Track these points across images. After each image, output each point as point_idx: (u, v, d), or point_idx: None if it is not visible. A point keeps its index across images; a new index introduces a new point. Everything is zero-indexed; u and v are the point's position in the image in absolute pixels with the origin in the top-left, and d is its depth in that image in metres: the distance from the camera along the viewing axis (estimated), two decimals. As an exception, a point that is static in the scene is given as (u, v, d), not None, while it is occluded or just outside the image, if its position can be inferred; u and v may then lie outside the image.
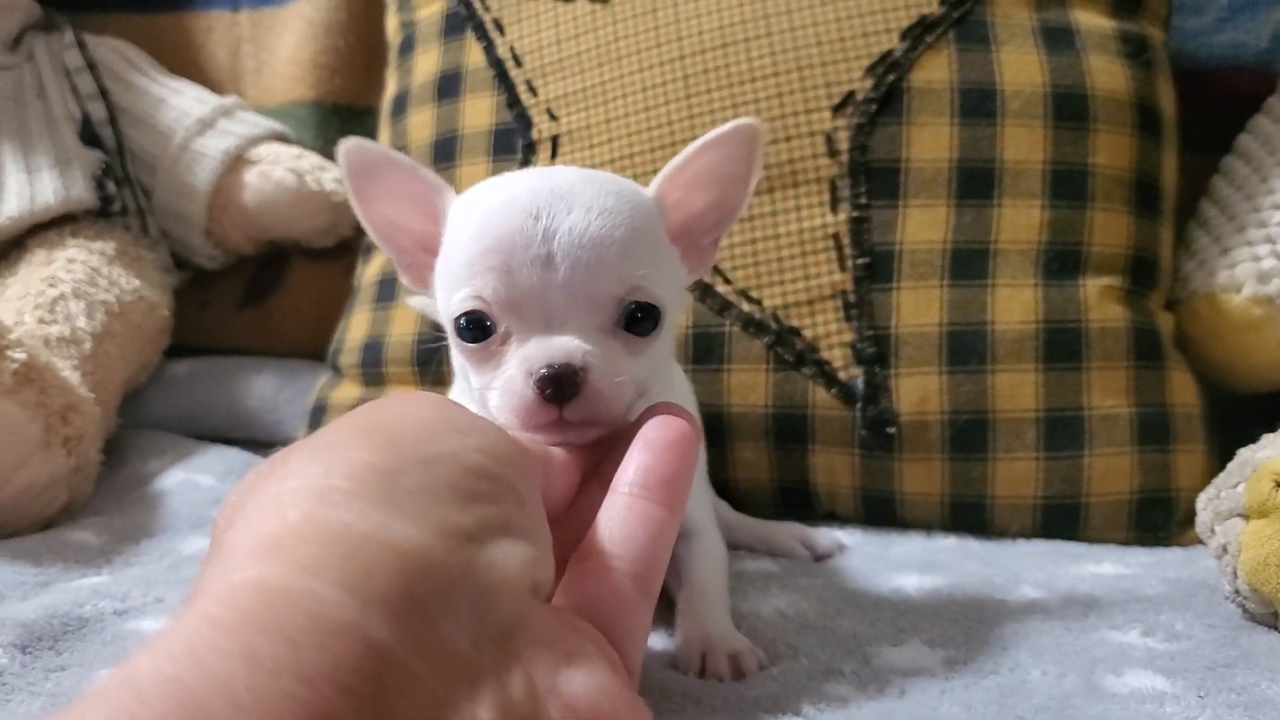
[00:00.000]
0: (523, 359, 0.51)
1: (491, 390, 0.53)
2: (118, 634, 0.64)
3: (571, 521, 0.46)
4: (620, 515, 0.44)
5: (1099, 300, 0.85)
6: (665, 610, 0.66)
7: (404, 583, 0.31)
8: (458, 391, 0.62)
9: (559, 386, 0.50)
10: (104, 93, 1.24)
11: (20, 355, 0.84)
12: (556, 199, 0.53)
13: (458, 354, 0.56)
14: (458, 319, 0.54)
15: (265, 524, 0.32)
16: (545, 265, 0.51)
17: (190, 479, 1.00)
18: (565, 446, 0.50)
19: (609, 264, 0.52)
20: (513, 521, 0.37)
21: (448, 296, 0.56)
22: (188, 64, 1.34)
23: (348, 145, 0.61)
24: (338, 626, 0.28)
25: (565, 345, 0.51)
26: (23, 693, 0.56)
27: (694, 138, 0.88)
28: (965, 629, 0.64)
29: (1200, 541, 0.69)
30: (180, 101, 1.25)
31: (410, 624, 0.30)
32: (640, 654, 0.44)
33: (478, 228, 0.54)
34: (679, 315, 0.62)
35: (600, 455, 0.50)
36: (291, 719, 0.25)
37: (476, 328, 0.54)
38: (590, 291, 0.52)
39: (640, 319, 0.53)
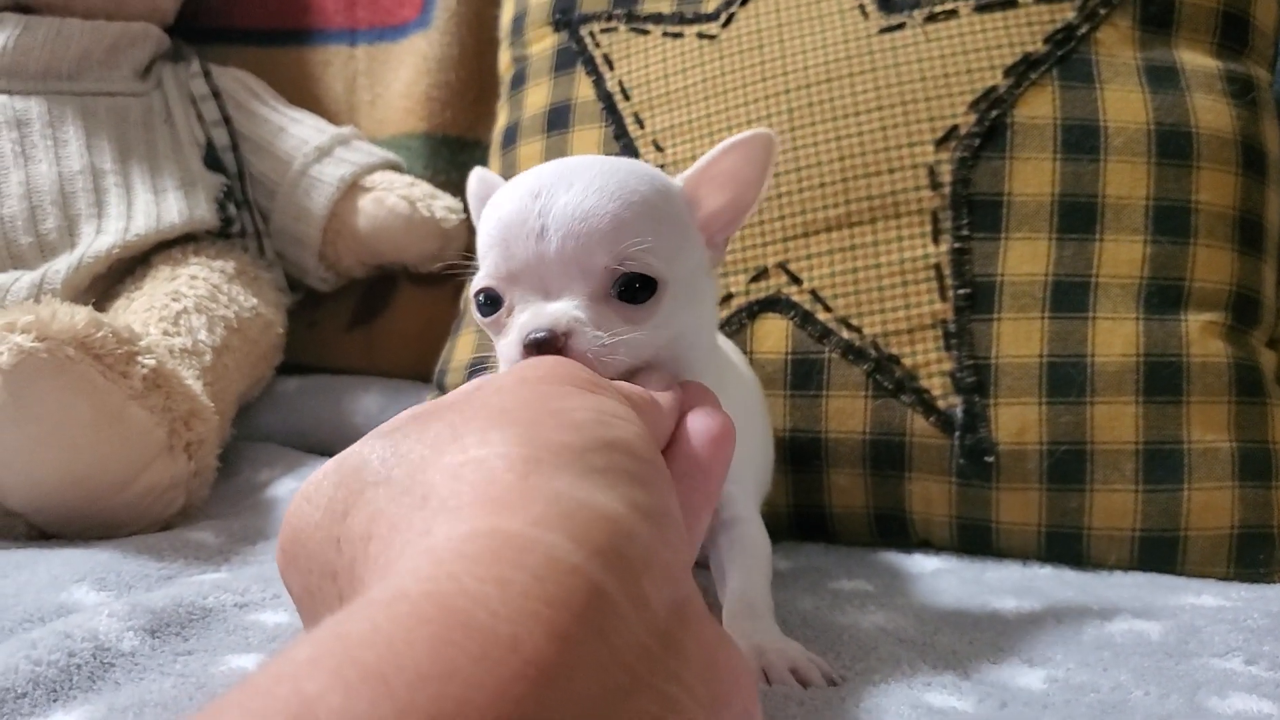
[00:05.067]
0: (519, 327, 0.56)
1: (500, 356, 0.58)
2: (239, 624, 0.67)
3: None
4: None
5: (1200, 335, 0.85)
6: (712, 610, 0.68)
7: (614, 541, 0.33)
8: None
9: (540, 350, 0.54)
10: (227, 120, 1.30)
11: (149, 361, 0.89)
12: (559, 179, 0.57)
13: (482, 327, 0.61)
14: (475, 296, 0.60)
15: (482, 484, 0.35)
16: (539, 238, 0.56)
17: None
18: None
19: (599, 235, 0.56)
20: (669, 503, 0.40)
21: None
22: (306, 95, 1.40)
23: (474, 172, 0.69)
24: (569, 568, 0.31)
25: (553, 312, 0.55)
26: (154, 673, 0.59)
27: (797, 170, 0.92)
28: (1064, 650, 0.65)
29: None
30: (299, 130, 1.31)
31: (625, 579, 0.33)
32: None
33: (492, 213, 0.59)
34: (707, 297, 0.65)
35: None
36: (541, 633, 0.28)
37: (491, 303, 0.59)
38: (581, 260, 0.56)
39: (637, 288, 0.57)
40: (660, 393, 0.51)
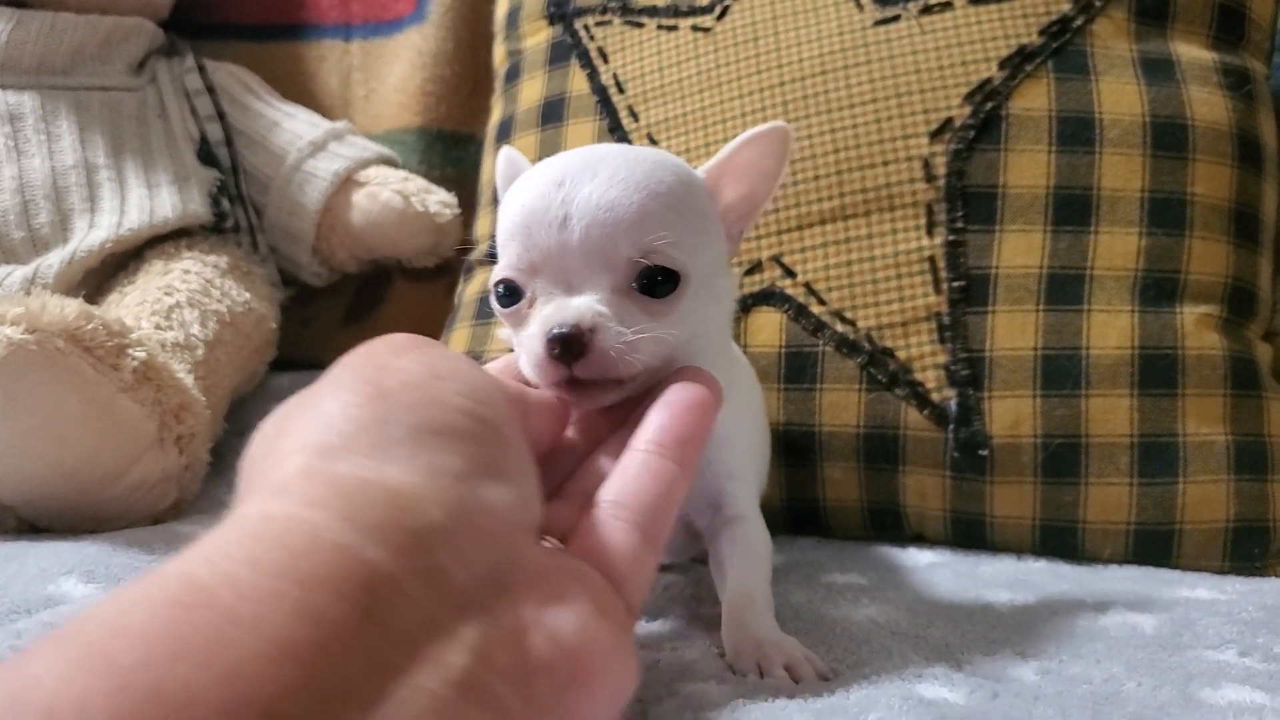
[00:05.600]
0: (541, 320, 0.54)
1: (520, 349, 0.56)
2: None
3: (590, 477, 0.50)
4: (634, 470, 0.48)
5: (1196, 328, 0.84)
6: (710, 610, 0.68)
7: (398, 515, 0.33)
8: None
9: (566, 346, 0.53)
10: (221, 115, 1.30)
11: (140, 354, 0.88)
12: (583, 168, 0.56)
13: (500, 318, 0.60)
14: (495, 287, 0.58)
15: (271, 475, 0.35)
16: (562, 227, 0.55)
17: (292, 484, 1.03)
18: (581, 407, 0.55)
19: (624, 226, 0.55)
20: (498, 459, 0.39)
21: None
22: (301, 90, 1.40)
23: (503, 152, 0.67)
24: (334, 545, 0.31)
25: (577, 306, 0.54)
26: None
27: (791, 162, 0.91)
28: (1058, 643, 0.64)
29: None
30: (293, 125, 1.31)
31: (406, 552, 0.32)
32: (641, 598, 0.47)
33: (514, 201, 0.58)
34: (725, 293, 0.64)
35: (624, 416, 0.54)
36: (288, 613, 0.28)
37: (510, 294, 0.58)
38: (605, 252, 0.55)
39: (660, 281, 0.56)
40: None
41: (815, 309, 0.90)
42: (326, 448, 0.35)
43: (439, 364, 0.41)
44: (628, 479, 0.48)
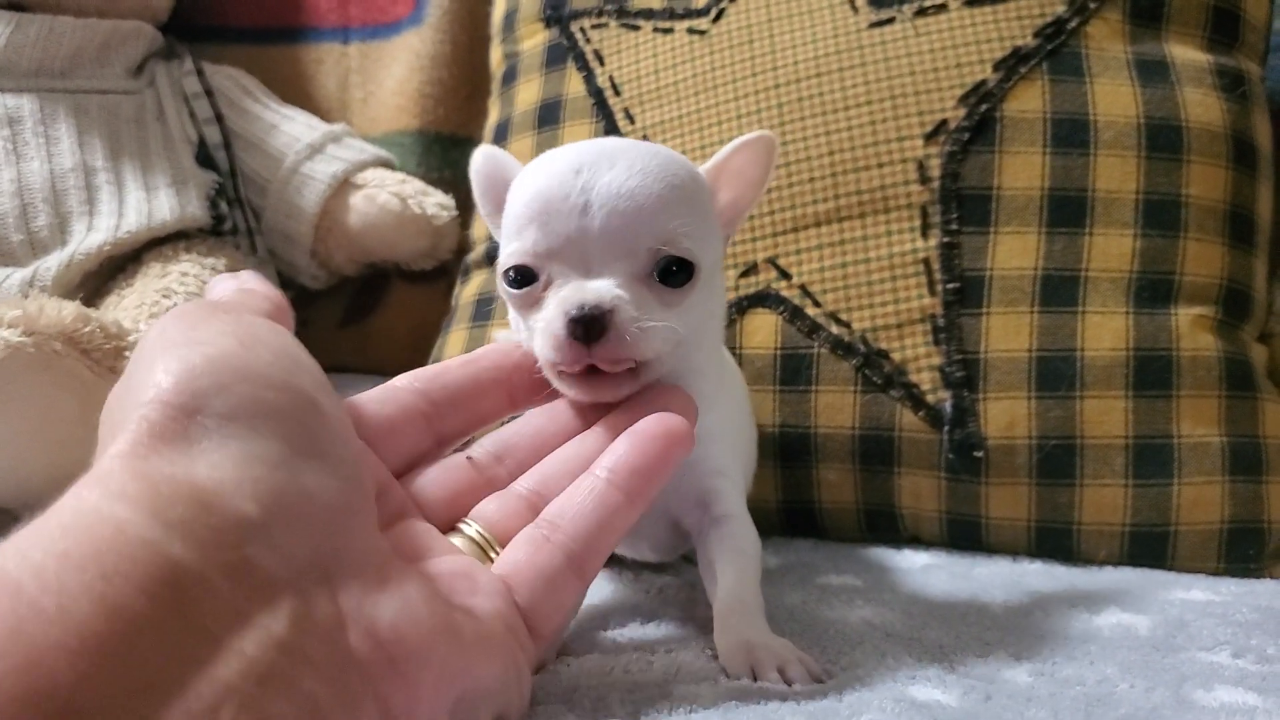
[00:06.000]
0: (559, 301, 0.55)
1: (535, 332, 0.56)
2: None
3: (548, 478, 0.52)
4: (581, 494, 0.49)
5: (1191, 329, 0.84)
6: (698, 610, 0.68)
7: (204, 513, 0.34)
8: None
9: (587, 327, 0.53)
10: (219, 118, 1.30)
11: (138, 357, 0.88)
12: (601, 158, 0.57)
13: (508, 303, 0.60)
14: (506, 271, 0.58)
15: (104, 450, 0.36)
16: (582, 213, 0.55)
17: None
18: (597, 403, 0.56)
19: (645, 214, 0.55)
20: (317, 437, 0.39)
21: (502, 254, 0.59)
22: (299, 93, 1.40)
23: (481, 149, 0.67)
24: (139, 541, 0.31)
25: (597, 288, 0.54)
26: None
27: (786, 164, 0.92)
28: (1052, 645, 0.64)
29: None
30: (291, 128, 1.31)
31: (211, 548, 0.33)
32: (556, 622, 0.48)
33: (528, 188, 0.58)
34: (721, 291, 0.65)
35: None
36: (90, 605, 0.29)
37: (523, 279, 0.58)
38: (626, 239, 0.55)
39: (675, 271, 0.56)
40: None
41: (810, 311, 0.90)
42: (139, 441, 0.36)
43: (245, 331, 0.41)
44: (572, 502, 0.49)
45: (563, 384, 0.57)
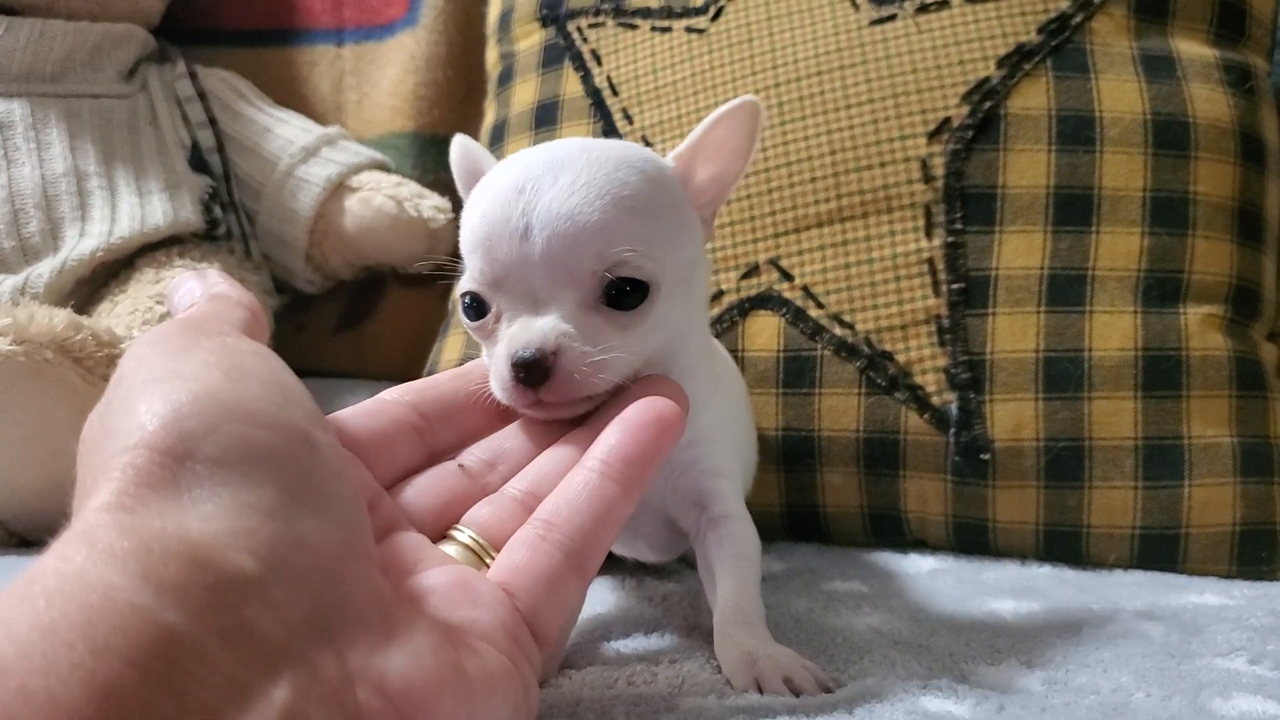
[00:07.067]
0: (507, 341, 0.53)
1: (491, 366, 0.55)
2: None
3: (539, 478, 0.50)
4: (574, 489, 0.47)
5: (1200, 328, 0.83)
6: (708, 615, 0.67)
7: (198, 572, 0.31)
8: None
9: (529, 371, 0.52)
10: (213, 121, 1.29)
11: (131, 364, 0.87)
12: (545, 171, 0.54)
13: (469, 333, 0.59)
14: (462, 297, 0.57)
15: (86, 502, 0.34)
16: (524, 238, 0.53)
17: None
18: (545, 421, 0.54)
19: (585, 236, 0.53)
20: (315, 479, 0.37)
21: (463, 275, 0.58)
22: (293, 95, 1.39)
23: (456, 140, 0.66)
24: (129, 608, 0.29)
25: (541, 329, 0.53)
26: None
27: (788, 164, 0.90)
28: (1064, 652, 0.63)
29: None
30: (285, 130, 1.30)
31: (207, 611, 0.30)
32: (559, 624, 0.46)
33: (476, 207, 0.56)
34: (701, 287, 0.63)
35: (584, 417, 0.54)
36: (81, 686, 0.27)
37: (478, 308, 0.56)
38: (569, 265, 0.53)
39: (629, 293, 0.54)
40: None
41: (813, 312, 0.88)
42: (125, 491, 0.33)
43: (230, 361, 0.38)
44: (566, 499, 0.47)
45: (518, 408, 0.55)
